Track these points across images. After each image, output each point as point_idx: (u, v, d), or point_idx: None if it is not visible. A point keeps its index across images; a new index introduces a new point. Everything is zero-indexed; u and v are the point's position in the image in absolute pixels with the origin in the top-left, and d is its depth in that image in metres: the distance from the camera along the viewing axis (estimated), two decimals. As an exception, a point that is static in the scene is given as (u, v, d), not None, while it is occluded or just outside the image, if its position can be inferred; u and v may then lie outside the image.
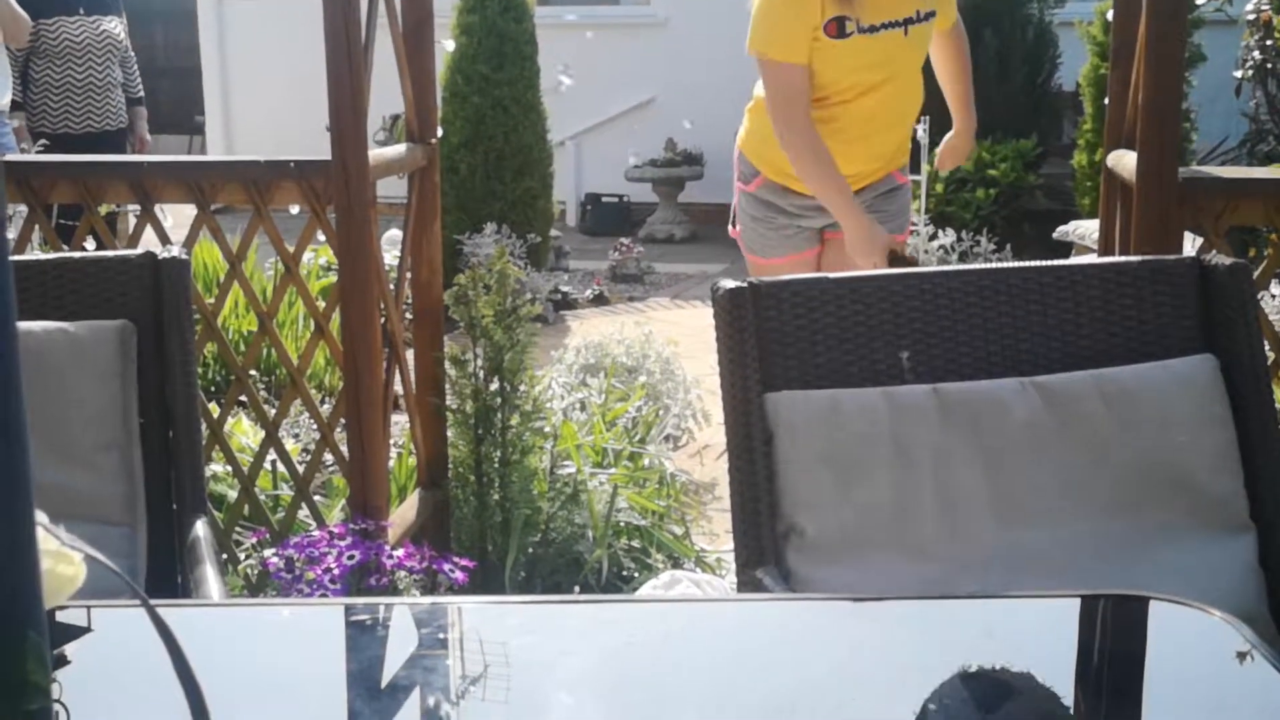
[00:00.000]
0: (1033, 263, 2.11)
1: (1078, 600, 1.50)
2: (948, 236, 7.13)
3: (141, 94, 6.74)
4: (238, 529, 3.35)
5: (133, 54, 6.68)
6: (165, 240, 3.19)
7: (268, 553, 2.81)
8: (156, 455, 2.07)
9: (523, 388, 3.48)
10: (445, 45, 6.71)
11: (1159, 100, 2.60)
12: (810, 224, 3.54)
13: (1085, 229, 6.32)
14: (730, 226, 3.73)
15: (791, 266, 3.54)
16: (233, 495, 3.40)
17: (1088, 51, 7.16)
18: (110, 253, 2.12)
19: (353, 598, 2.61)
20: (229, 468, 3.38)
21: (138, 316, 2.06)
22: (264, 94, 10.84)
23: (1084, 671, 1.30)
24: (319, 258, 5.98)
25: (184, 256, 2.08)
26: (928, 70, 3.59)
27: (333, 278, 5.10)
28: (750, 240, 3.64)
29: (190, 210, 3.15)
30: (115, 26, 6.39)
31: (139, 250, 2.08)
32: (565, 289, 7.52)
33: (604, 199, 10.24)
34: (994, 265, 2.11)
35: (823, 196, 3.32)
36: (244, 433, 4.03)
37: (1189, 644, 1.33)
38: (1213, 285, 2.02)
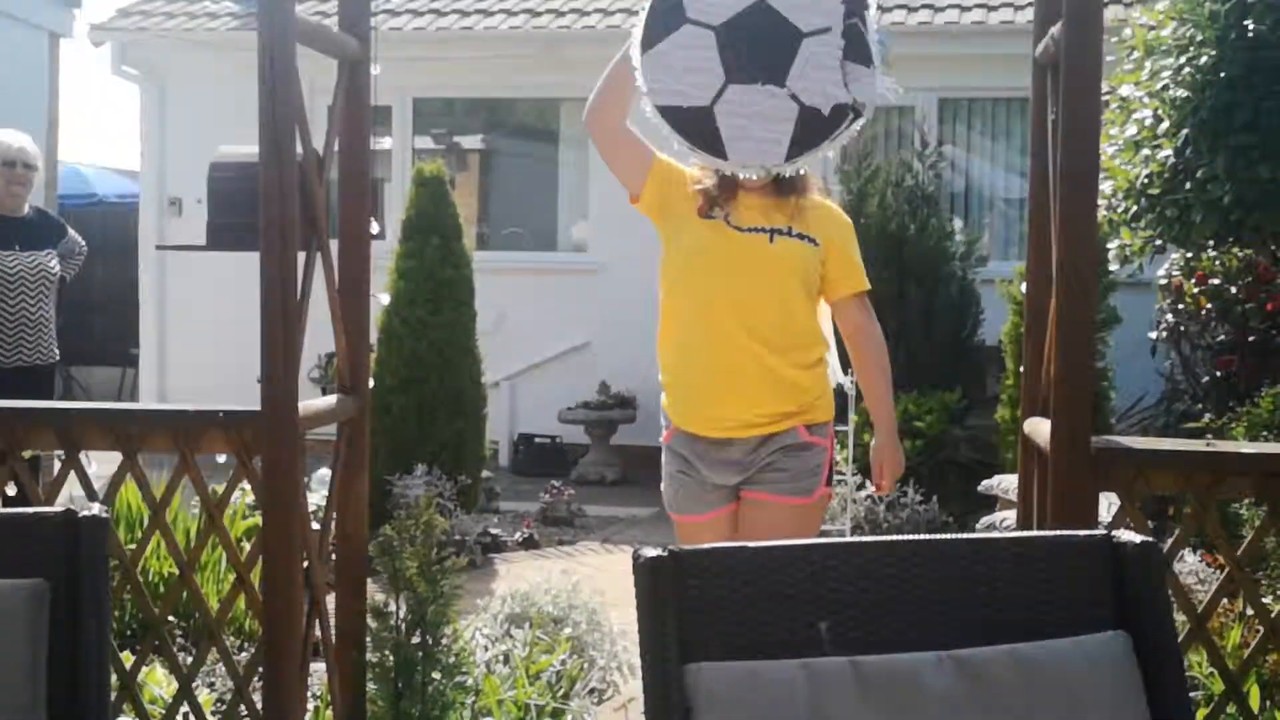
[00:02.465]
0: (949, 535, 2.15)
1: None
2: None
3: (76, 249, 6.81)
4: (144, 787, 3.23)
5: (77, 245, 6.76)
6: (89, 487, 3.17)
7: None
8: (62, 719, 2.02)
9: (445, 641, 3.44)
10: (380, 299, 6.82)
11: (1070, 378, 2.69)
12: (722, 480, 3.57)
13: (1009, 483, 6.42)
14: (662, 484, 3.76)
15: (709, 524, 3.57)
16: (141, 750, 3.29)
17: (1008, 310, 7.40)
18: (28, 510, 2.11)
19: None
20: (139, 720, 3.28)
21: (52, 575, 2.04)
22: (200, 331, 10.90)
23: None
24: (246, 496, 5.93)
25: (104, 515, 2.07)
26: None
27: (258, 519, 5.05)
28: (668, 497, 3.68)
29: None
30: (51, 261, 6.45)
31: (58, 508, 2.07)
32: (495, 531, 7.48)
33: (537, 439, 10.30)
34: (911, 537, 2.14)
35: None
36: (157, 683, 3.93)
37: None
38: (1124, 563, 2.06)
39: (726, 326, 3.48)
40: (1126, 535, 2.09)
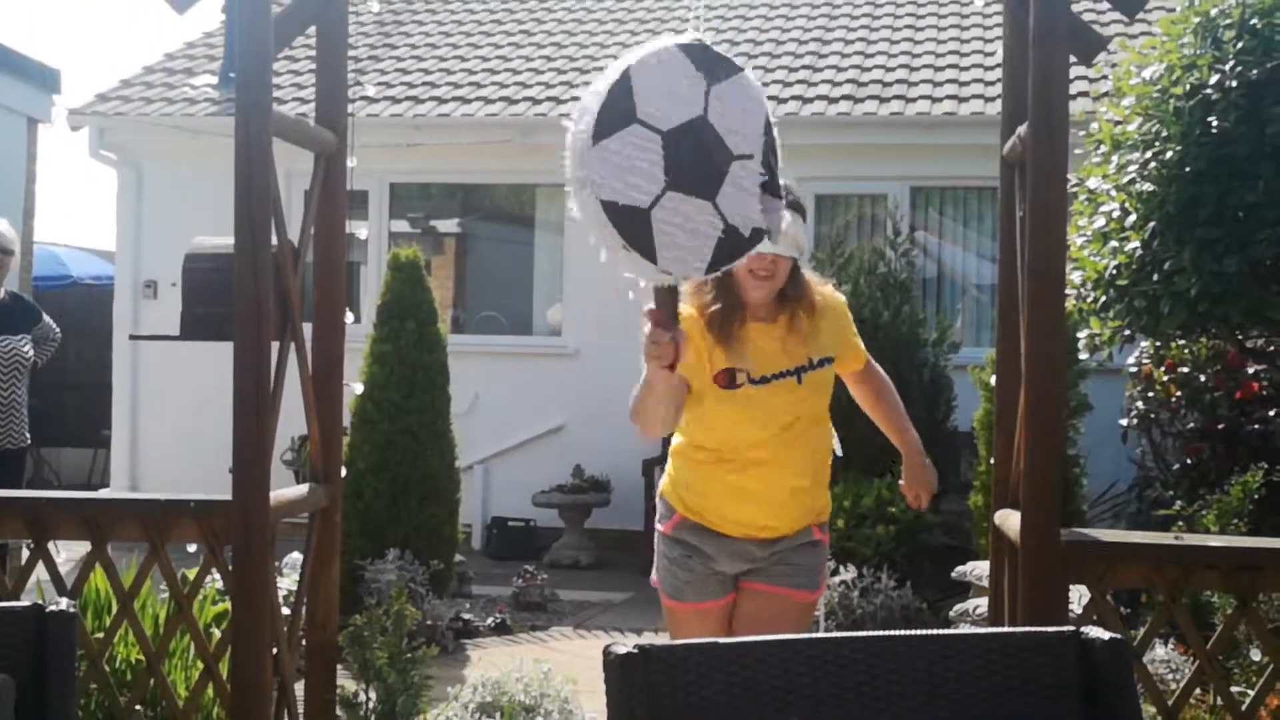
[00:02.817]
0: (920, 631, 2.16)
1: None
2: (849, 572, 7.19)
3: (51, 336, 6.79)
4: None
5: (52, 331, 6.75)
6: (57, 578, 3.15)
7: None
8: (25, 817, 1.99)
9: (415, 732, 3.42)
10: (353, 388, 6.85)
11: (1039, 472, 2.71)
12: (725, 569, 3.56)
13: (982, 570, 6.41)
14: (653, 574, 3.72)
15: (703, 614, 3.54)
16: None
17: (980, 396, 7.44)
18: (-4, 605, 2.10)
19: None
20: (103, 815, 3.24)
21: (19, 670, 2.02)
22: (172, 414, 10.86)
23: None
24: (216, 582, 5.88)
25: (71, 611, 2.06)
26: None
27: (228, 605, 5.01)
28: (665, 582, 3.62)
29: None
30: (25, 346, 6.44)
31: (26, 604, 2.06)
32: (467, 616, 7.42)
33: (510, 523, 10.25)
34: (882, 634, 2.15)
35: (643, 390, 3.33)
36: (122, 774, 3.87)
37: None
38: (1092, 660, 2.07)
39: (763, 468, 3.50)
40: (1095, 632, 2.11)
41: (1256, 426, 7.10)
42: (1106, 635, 2.08)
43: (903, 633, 2.14)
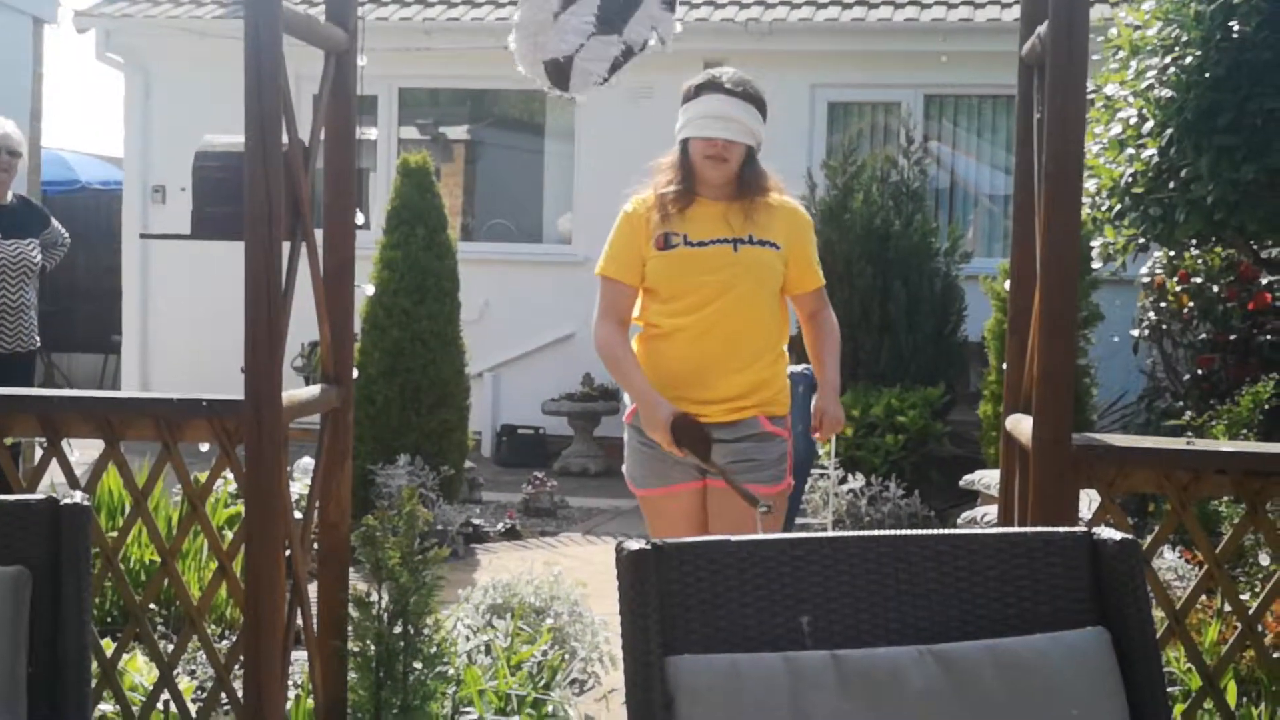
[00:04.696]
0: (931, 531, 2.16)
1: None
2: (857, 481, 7.23)
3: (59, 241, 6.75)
4: (124, 775, 3.23)
5: (60, 236, 6.71)
6: (71, 474, 3.17)
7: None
8: (42, 706, 2.02)
9: (427, 631, 3.45)
10: (365, 289, 6.82)
11: (1052, 375, 2.70)
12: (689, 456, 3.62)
13: (990, 478, 6.44)
14: (624, 467, 3.86)
15: (672, 498, 3.67)
16: (121, 738, 3.29)
17: (991, 306, 7.41)
18: (11, 498, 2.10)
19: None
20: (119, 707, 3.28)
21: (34, 562, 2.04)
22: (183, 318, 10.87)
23: None
24: (228, 484, 5.92)
25: (86, 503, 2.07)
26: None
27: (240, 507, 5.05)
28: (632, 471, 3.77)
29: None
30: (33, 251, 6.42)
31: (41, 496, 2.06)
32: (477, 521, 7.48)
33: (520, 430, 10.29)
34: (893, 533, 2.15)
35: (621, 382, 3.74)
36: (138, 670, 3.92)
37: None
38: (1103, 560, 2.07)
39: (701, 338, 3.63)
40: (1106, 532, 2.11)
41: (1268, 338, 7.08)
42: (1118, 535, 2.08)
43: (915, 532, 2.14)
